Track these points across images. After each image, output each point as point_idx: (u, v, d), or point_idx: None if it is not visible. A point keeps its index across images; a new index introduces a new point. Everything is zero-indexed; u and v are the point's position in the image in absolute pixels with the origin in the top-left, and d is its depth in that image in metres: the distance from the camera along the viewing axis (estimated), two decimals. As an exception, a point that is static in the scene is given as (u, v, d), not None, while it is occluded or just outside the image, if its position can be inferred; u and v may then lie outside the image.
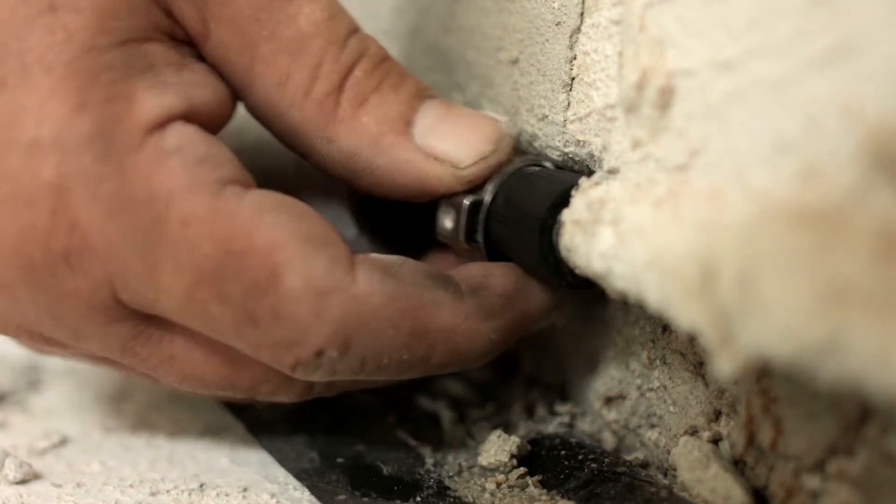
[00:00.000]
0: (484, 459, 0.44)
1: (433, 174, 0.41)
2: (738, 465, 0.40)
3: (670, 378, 0.44)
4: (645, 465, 0.45)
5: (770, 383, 0.38)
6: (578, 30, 0.42)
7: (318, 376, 0.38)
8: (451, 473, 0.45)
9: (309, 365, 0.37)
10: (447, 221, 0.42)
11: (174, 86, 0.37)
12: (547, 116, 0.44)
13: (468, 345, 0.39)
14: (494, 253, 0.43)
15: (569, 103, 0.43)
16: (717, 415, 0.42)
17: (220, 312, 0.36)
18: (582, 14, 0.42)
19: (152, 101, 0.37)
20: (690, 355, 0.42)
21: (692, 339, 0.42)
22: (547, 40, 0.44)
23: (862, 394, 0.27)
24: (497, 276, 0.41)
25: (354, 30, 0.41)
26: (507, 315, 0.40)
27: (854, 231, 0.27)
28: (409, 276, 0.38)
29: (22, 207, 0.36)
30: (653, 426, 0.45)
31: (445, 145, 0.41)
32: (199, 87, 0.38)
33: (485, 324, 0.40)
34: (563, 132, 0.43)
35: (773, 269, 0.29)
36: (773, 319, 0.28)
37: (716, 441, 0.41)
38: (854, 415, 0.34)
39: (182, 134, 0.37)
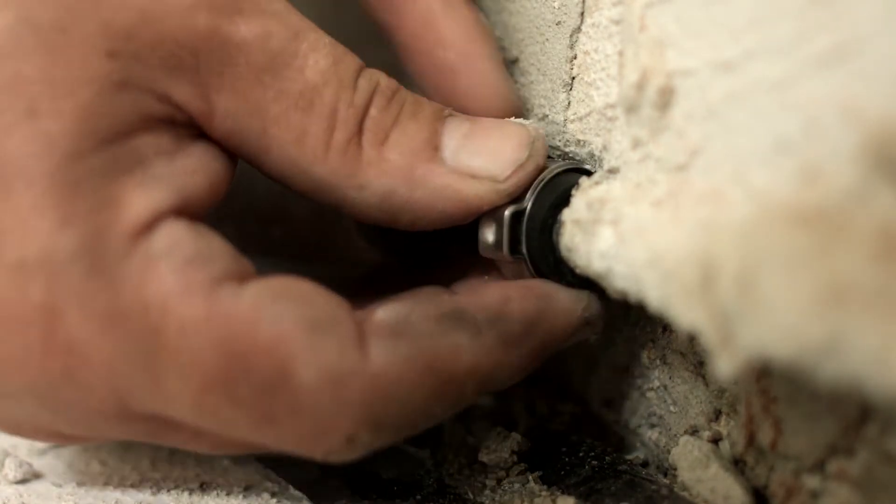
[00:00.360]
0: (484, 456, 0.44)
1: (474, 193, 0.39)
2: (738, 465, 0.40)
3: (670, 378, 0.44)
4: (645, 464, 0.45)
5: (770, 383, 0.38)
6: (579, 29, 0.42)
7: (354, 456, 0.37)
8: (451, 471, 0.45)
9: (343, 451, 0.36)
10: (489, 235, 0.41)
11: (164, 179, 0.36)
12: (547, 116, 0.44)
13: (495, 376, 0.38)
14: (537, 263, 0.41)
15: (569, 103, 0.43)
16: (718, 414, 0.42)
17: (234, 415, 0.35)
18: (582, 14, 0.42)
19: (139, 203, 0.35)
20: (690, 355, 0.42)
21: (692, 339, 0.41)
22: (547, 40, 0.44)
23: (862, 394, 0.27)
24: (516, 300, 0.39)
25: (361, 67, 0.39)
26: (529, 342, 0.39)
27: (854, 231, 0.27)
28: (421, 327, 0.37)
29: (15, 330, 0.35)
30: (653, 426, 0.45)
31: (480, 161, 0.39)
32: (192, 174, 0.37)
33: (507, 354, 0.38)
34: (564, 132, 0.43)
35: (772, 269, 0.29)
36: (773, 319, 0.28)
37: (716, 441, 0.41)
38: (854, 415, 0.34)
39: (171, 234, 0.35)
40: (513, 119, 0.41)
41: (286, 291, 0.36)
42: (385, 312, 0.37)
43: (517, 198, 0.40)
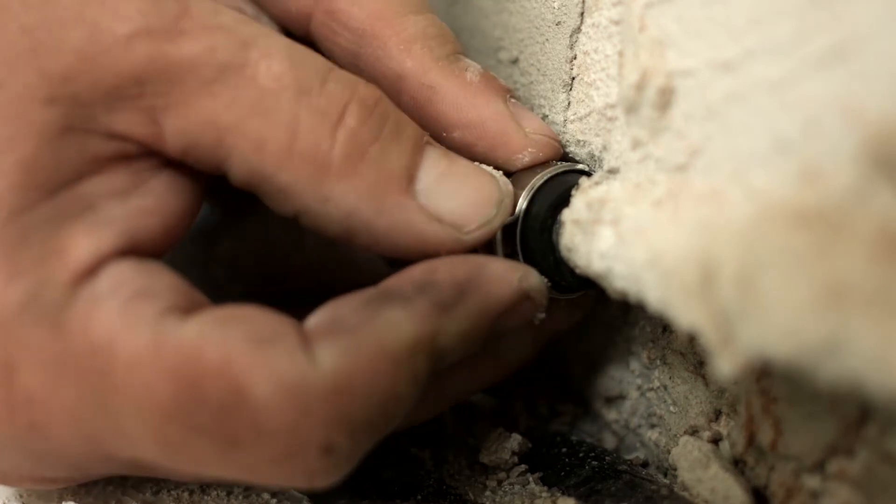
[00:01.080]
0: (485, 457, 0.44)
1: (435, 238, 0.38)
2: (738, 465, 0.40)
3: (670, 378, 0.44)
4: (645, 464, 0.45)
5: (770, 383, 0.38)
6: (578, 29, 0.42)
7: (342, 471, 0.35)
8: (451, 472, 0.45)
9: (326, 466, 0.35)
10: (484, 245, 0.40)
11: (113, 221, 0.35)
12: (547, 116, 0.44)
13: (441, 343, 0.37)
14: (538, 263, 0.41)
15: (569, 103, 0.43)
16: (718, 415, 0.42)
17: (198, 445, 0.34)
18: (582, 14, 0.42)
19: (82, 247, 0.35)
20: (690, 355, 0.42)
21: (692, 339, 0.42)
22: (547, 40, 0.44)
23: (862, 394, 0.27)
24: (442, 268, 0.38)
25: (328, 69, 0.37)
26: (465, 306, 0.37)
27: (853, 231, 0.27)
28: (353, 317, 0.35)
29: None
30: (653, 426, 0.45)
31: (450, 206, 0.38)
32: (145, 214, 0.36)
33: (444, 318, 0.37)
34: (564, 132, 0.43)
35: (772, 269, 0.29)
36: (773, 319, 0.28)
37: (716, 441, 0.42)
38: (854, 415, 0.34)
39: (115, 273, 0.35)
40: (485, 166, 0.40)
41: (230, 315, 0.35)
42: (317, 317, 0.36)
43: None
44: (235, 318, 0.35)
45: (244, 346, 0.34)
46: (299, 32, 0.43)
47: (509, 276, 0.39)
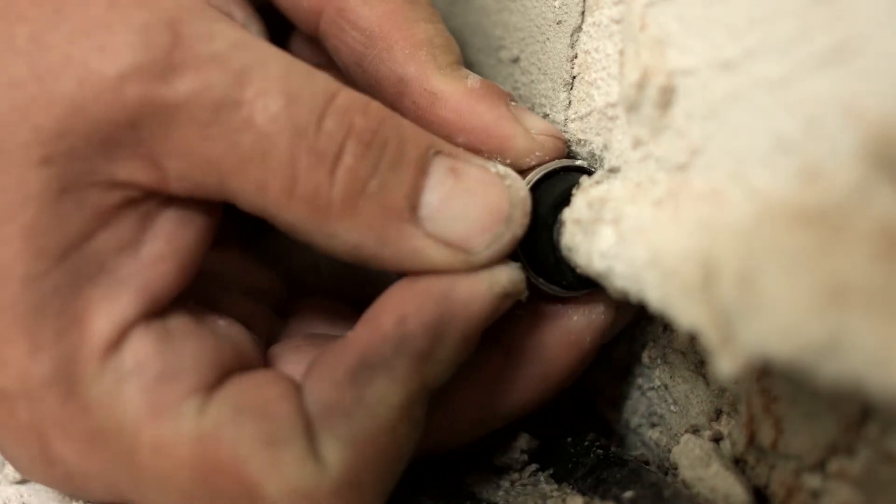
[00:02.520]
0: (497, 459, 0.44)
1: (443, 263, 0.37)
2: (738, 464, 0.40)
3: (671, 377, 0.44)
4: (646, 463, 0.45)
5: (770, 383, 0.38)
6: (579, 28, 0.42)
7: None
8: (464, 472, 0.45)
9: None
10: None
11: (129, 281, 0.36)
12: (548, 115, 0.44)
13: (432, 384, 0.37)
14: (538, 262, 0.41)
15: (570, 102, 0.43)
16: (718, 414, 0.42)
17: None
18: (583, 13, 0.42)
19: (104, 318, 0.35)
20: (691, 354, 0.42)
21: (693, 339, 0.41)
22: (548, 39, 0.44)
23: (862, 394, 0.27)
24: (412, 315, 0.37)
25: (328, 100, 0.36)
26: (447, 342, 0.37)
27: (854, 231, 0.27)
28: (344, 396, 0.36)
29: (16, 443, 0.37)
30: (654, 425, 0.45)
31: (456, 230, 0.37)
32: (159, 262, 0.36)
33: (430, 365, 0.37)
34: (565, 131, 0.43)
35: (773, 268, 0.29)
36: (773, 319, 0.28)
37: (717, 440, 0.42)
38: (854, 415, 0.34)
39: (138, 349, 0.35)
40: (496, 167, 0.39)
41: (246, 404, 0.36)
42: (313, 398, 0.36)
43: None
44: (250, 408, 0.36)
45: (257, 447, 0.35)
46: (308, 28, 0.43)
47: (479, 290, 0.38)
